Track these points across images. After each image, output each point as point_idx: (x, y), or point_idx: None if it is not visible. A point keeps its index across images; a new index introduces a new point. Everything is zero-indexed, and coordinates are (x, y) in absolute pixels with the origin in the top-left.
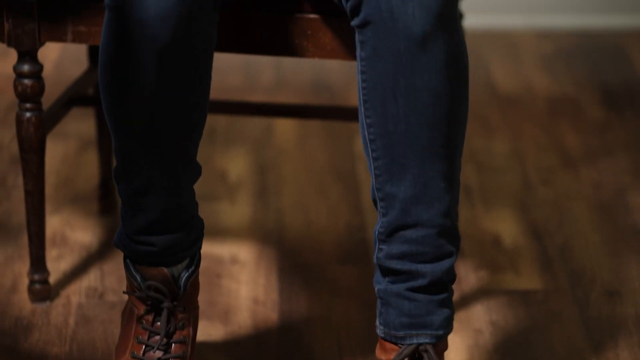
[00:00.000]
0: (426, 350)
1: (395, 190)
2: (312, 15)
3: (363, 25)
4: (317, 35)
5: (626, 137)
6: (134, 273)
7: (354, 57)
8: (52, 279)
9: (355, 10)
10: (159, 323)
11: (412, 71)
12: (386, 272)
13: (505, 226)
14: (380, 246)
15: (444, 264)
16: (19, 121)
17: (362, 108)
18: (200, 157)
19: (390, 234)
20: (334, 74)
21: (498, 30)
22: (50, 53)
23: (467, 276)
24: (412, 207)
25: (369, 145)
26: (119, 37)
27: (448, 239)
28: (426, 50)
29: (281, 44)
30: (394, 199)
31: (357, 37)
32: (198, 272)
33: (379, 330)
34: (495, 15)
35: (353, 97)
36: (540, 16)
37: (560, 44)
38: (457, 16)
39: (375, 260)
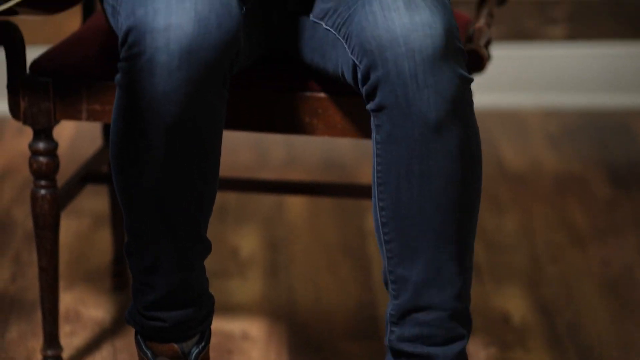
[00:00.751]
0: None
1: (407, 273)
2: (322, 94)
3: (378, 110)
4: (327, 113)
5: (633, 214)
6: (145, 349)
7: (364, 136)
8: (65, 355)
9: (371, 95)
10: None
11: (427, 156)
12: (398, 354)
13: (514, 303)
14: (392, 328)
15: (456, 346)
16: (34, 198)
17: (376, 191)
18: (211, 234)
19: (402, 316)
20: (344, 152)
21: (505, 108)
22: (65, 131)
23: (477, 353)
24: (424, 291)
25: (381, 228)
26: (129, 114)
27: (460, 321)
28: (441, 136)
29: (292, 122)
30: (405, 282)
31: (373, 121)
32: (208, 348)
33: None
34: (503, 94)
35: (363, 175)
36: (547, 95)
37: (567, 122)
38: (471, 102)
39: (386, 342)
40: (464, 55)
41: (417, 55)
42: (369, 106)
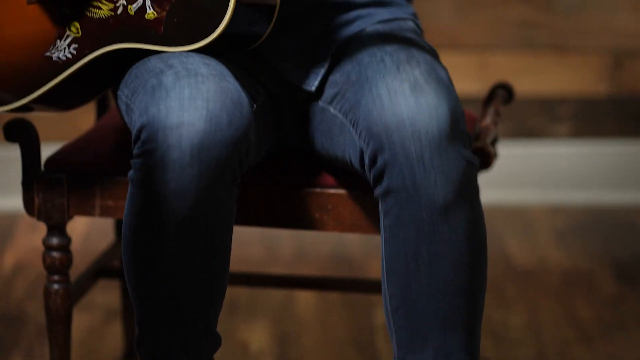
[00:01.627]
0: None
1: None
2: (331, 190)
3: (386, 194)
4: (337, 209)
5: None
6: None
7: (373, 231)
8: None
9: (379, 179)
10: None
11: (435, 239)
12: None
13: None
14: None
15: None
16: (47, 293)
17: (385, 277)
18: (221, 328)
19: None
20: (353, 247)
21: (512, 205)
22: (78, 226)
23: None
24: None
25: (390, 315)
26: (141, 209)
27: None
28: (448, 219)
29: (301, 218)
30: None
31: (381, 206)
32: None
33: None
34: (509, 190)
35: (372, 270)
36: (554, 192)
37: (573, 218)
38: (477, 187)
39: None
40: (470, 139)
41: (424, 137)
42: (377, 191)
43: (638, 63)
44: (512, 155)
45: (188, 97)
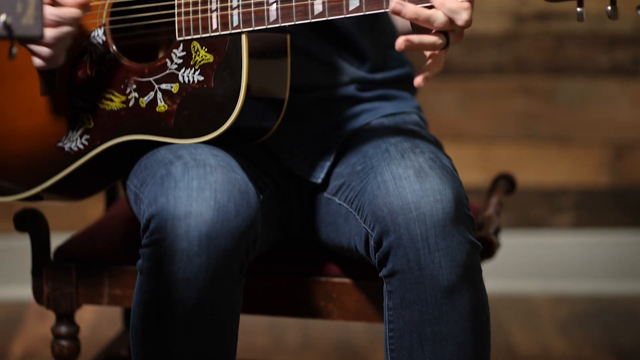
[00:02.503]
0: None
1: None
2: (336, 279)
3: (391, 275)
4: (341, 298)
5: None
6: None
7: (378, 320)
8: None
9: (384, 261)
10: None
11: (439, 319)
12: None
13: None
14: None
15: None
16: None
17: (389, 357)
18: None
19: None
20: (358, 335)
21: (515, 294)
22: (86, 314)
23: None
24: None
25: None
26: (150, 298)
27: None
28: (452, 300)
29: (307, 307)
30: None
31: (385, 287)
32: None
33: None
34: (512, 280)
35: (376, 358)
36: (556, 281)
37: (575, 308)
38: (480, 269)
39: None
40: (473, 222)
41: (428, 220)
42: (382, 273)
43: (639, 155)
44: (515, 245)
45: (196, 188)
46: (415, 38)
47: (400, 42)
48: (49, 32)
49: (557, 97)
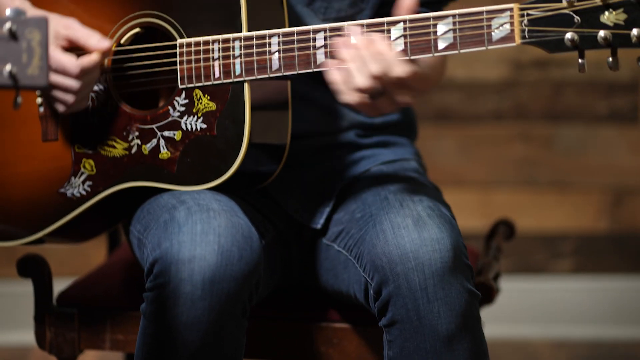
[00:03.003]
0: None
1: None
2: (337, 324)
3: (391, 325)
4: (342, 343)
5: None
6: None
7: None
8: None
9: (383, 311)
10: None
11: None
12: None
13: None
14: None
15: None
16: None
17: None
18: None
19: None
20: None
21: (515, 339)
22: (88, 359)
23: None
24: None
25: None
26: (153, 342)
27: None
28: (452, 349)
29: (307, 352)
30: None
31: (385, 337)
32: None
33: None
34: (513, 325)
35: None
36: (556, 326)
37: (575, 353)
38: (479, 317)
39: None
40: (472, 271)
41: (427, 269)
42: (381, 322)
43: (637, 200)
44: (514, 290)
45: (200, 232)
46: None
47: None
48: (76, 84)
49: (556, 143)
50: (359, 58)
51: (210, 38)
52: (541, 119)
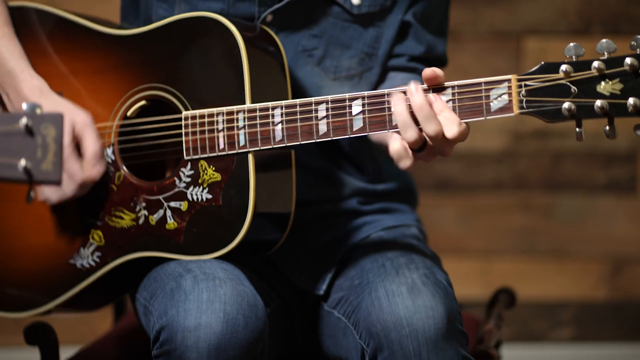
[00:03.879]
0: None
1: None
2: None
3: None
4: None
5: None
6: None
7: None
8: None
9: None
10: None
11: None
12: None
13: None
14: None
15: None
16: None
17: None
18: None
19: None
20: None
21: None
22: None
23: None
24: None
25: None
26: None
27: None
28: None
29: None
30: None
31: None
32: None
33: None
34: None
35: None
36: None
37: None
38: None
39: None
40: (466, 337)
41: (421, 336)
42: None
43: (636, 269)
44: (516, 358)
45: (206, 300)
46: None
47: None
48: (74, 188)
49: (555, 212)
50: (418, 114)
51: (214, 110)
52: (540, 188)
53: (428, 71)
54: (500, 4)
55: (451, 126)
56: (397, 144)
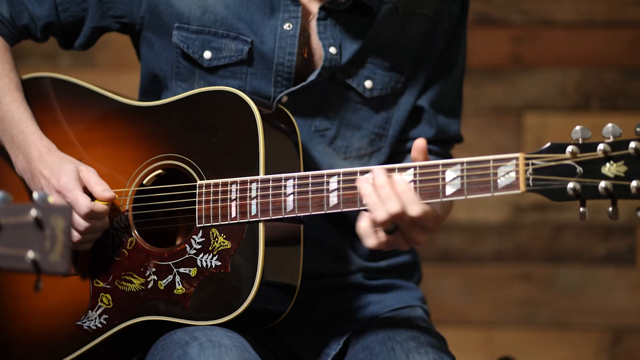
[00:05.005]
0: None
1: None
2: None
3: None
4: None
5: None
6: None
7: None
8: None
9: None
10: None
11: None
12: None
13: None
14: None
15: None
16: None
17: None
18: None
19: None
20: None
21: None
22: None
23: None
24: None
25: None
26: None
27: None
28: None
29: None
30: None
31: None
32: None
33: None
34: None
35: None
36: None
37: None
38: None
39: None
40: None
41: None
42: None
43: (636, 339)
44: None
45: None
46: None
47: None
48: (83, 222)
49: (556, 283)
50: (379, 195)
51: (228, 180)
52: (541, 260)
53: (421, 141)
54: (500, 80)
55: (412, 205)
56: (364, 222)
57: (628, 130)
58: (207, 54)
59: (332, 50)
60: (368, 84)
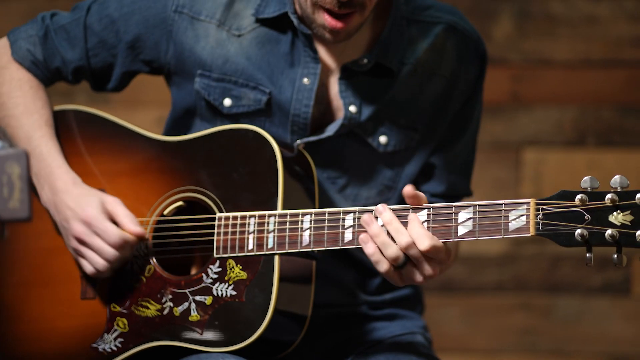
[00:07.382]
0: None
1: None
2: None
3: None
4: None
5: None
6: None
7: None
8: None
9: None
10: None
11: None
12: None
13: None
14: None
15: None
16: None
17: None
18: None
19: None
20: None
21: None
22: None
23: None
24: None
25: None
26: None
27: None
28: None
29: None
30: None
31: None
32: None
33: None
34: None
35: None
36: None
37: None
38: None
39: None
40: None
41: None
42: None
43: None
44: None
45: None
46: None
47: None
48: (112, 251)
49: (554, 313)
50: (390, 232)
51: (247, 213)
52: (539, 290)
53: (408, 188)
54: (500, 117)
55: (422, 240)
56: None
57: (623, 166)
58: (227, 102)
59: (352, 108)
60: (383, 139)
